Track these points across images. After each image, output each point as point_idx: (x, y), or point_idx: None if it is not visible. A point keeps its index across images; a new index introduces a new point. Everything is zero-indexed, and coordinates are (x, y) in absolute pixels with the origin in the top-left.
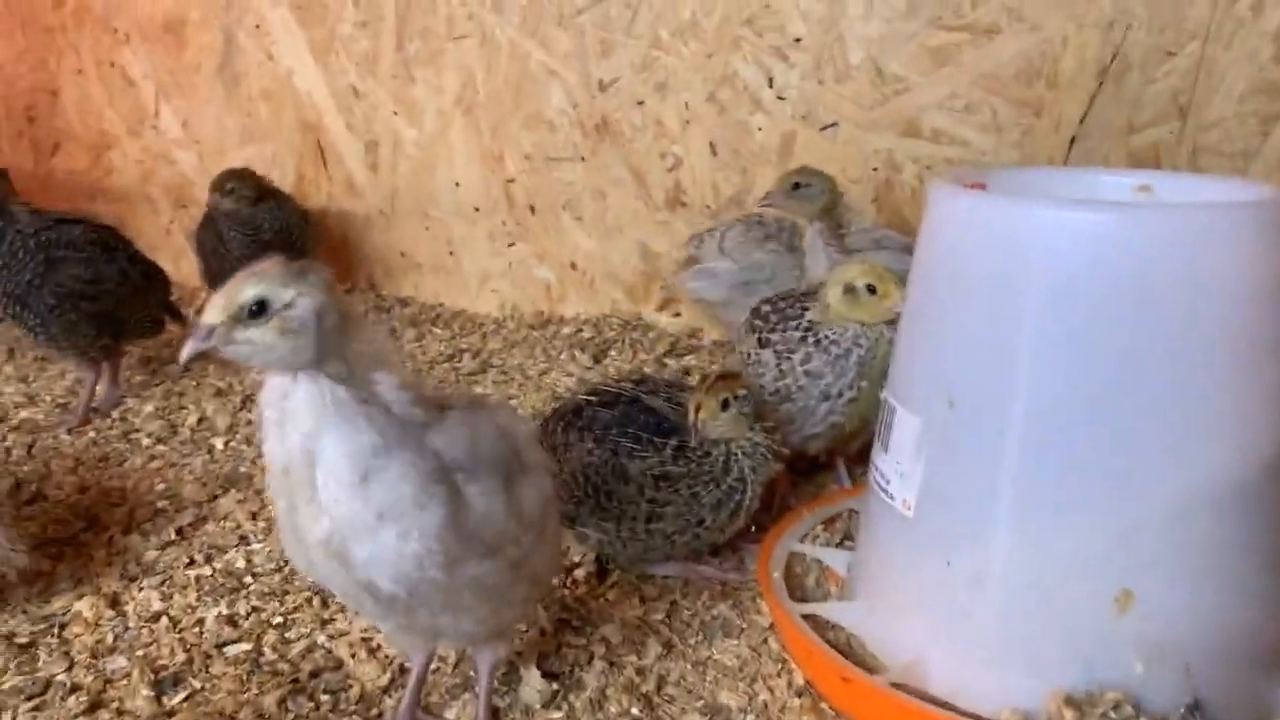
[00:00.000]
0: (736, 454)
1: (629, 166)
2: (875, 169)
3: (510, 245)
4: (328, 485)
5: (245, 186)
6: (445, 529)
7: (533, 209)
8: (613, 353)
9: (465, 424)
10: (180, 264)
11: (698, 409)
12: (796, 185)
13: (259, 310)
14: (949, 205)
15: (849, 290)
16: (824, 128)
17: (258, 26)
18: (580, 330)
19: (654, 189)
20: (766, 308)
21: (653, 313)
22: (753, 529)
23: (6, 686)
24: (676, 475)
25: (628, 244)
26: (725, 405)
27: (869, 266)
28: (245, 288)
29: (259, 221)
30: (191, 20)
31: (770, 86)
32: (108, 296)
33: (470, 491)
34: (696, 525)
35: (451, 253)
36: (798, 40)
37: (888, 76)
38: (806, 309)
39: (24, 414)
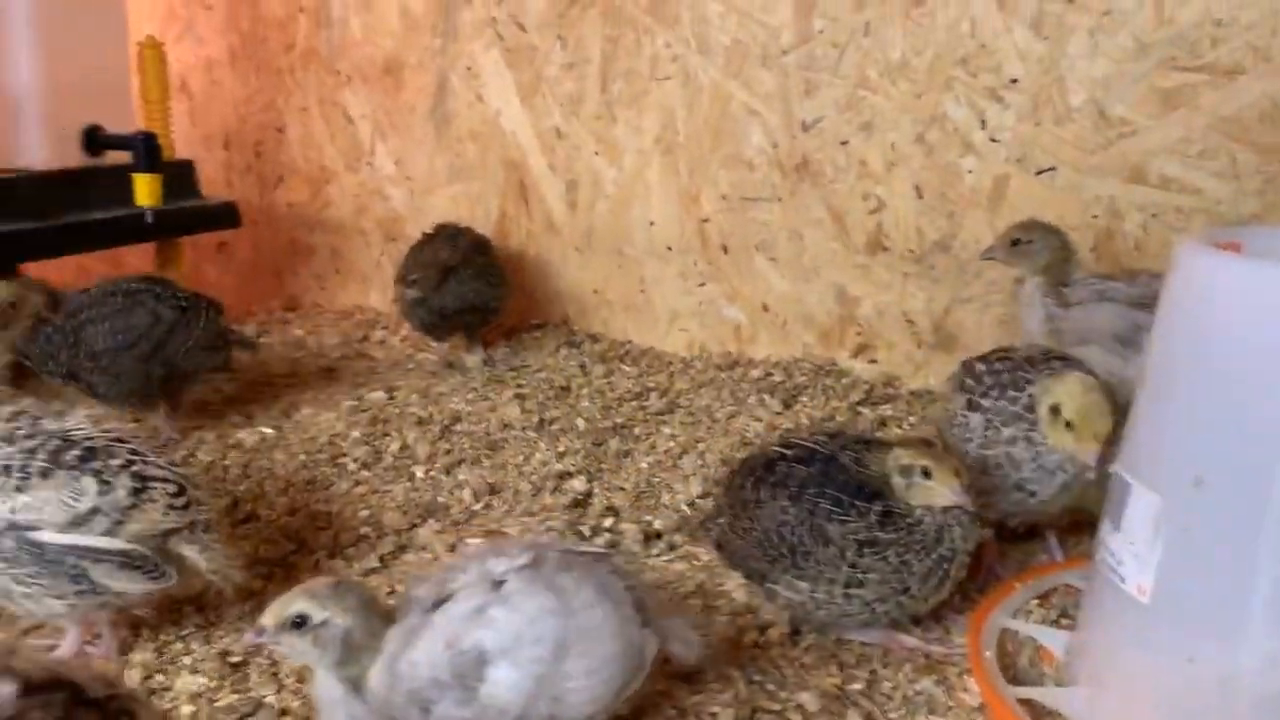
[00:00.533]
0: (951, 524)
1: (828, 208)
2: (1095, 216)
3: (701, 285)
4: None
5: (429, 276)
6: None
7: (726, 249)
8: (804, 398)
9: (418, 668)
10: (389, 293)
11: (957, 474)
12: (1016, 241)
13: (300, 623)
14: (1202, 267)
15: (1054, 412)
16: (1040, 172)
17: (469, 69)
18: (770, 374)
19: (854, 231)
20: (981, 367)
21: (847, 358)
22: (954, 597)
23: (221, 703)
24: (885, 542)
25: (823, 286)
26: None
27: (1079, 404)
28: (294, 603)
29: (439, 304)
30: (409, 63)
31: (983, 128)
32: (144, 341)
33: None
34: (901, 593)
35: (643, 291)
36: (1014, 81)
37: (1112, 119)
38: (1029, 381)
39: (241, 434)
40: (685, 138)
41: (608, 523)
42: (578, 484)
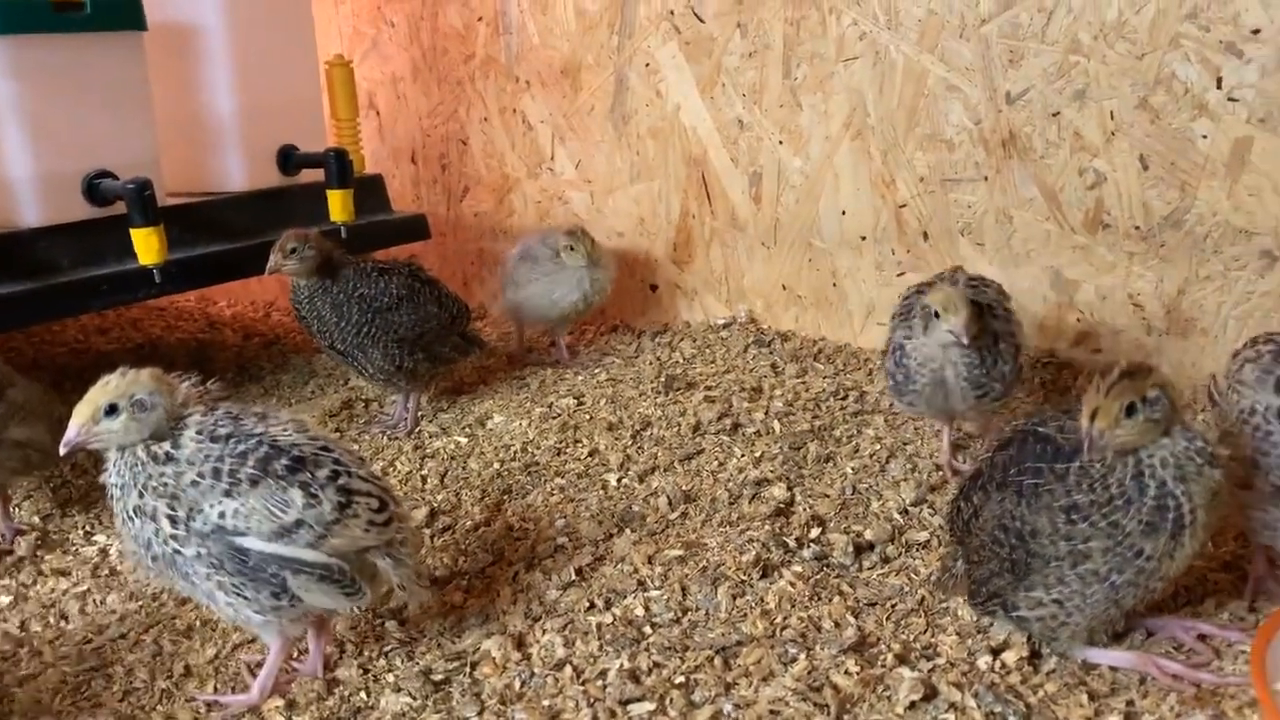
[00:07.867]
0: (1151, 465)
1: (1040, 185)
2: None
3: (900, 275)
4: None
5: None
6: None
7: (926, 235)
8: (1019, 394)
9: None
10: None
11: (1093, 417)
12: None
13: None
14: None
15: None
16: None
17: (647, 65)
18: None
19: (1070, 209)
20: None
21: (1067, 349)
22: (1227, 615)
23: None
24: (1084, 505)
25: (1037, 271)
26: (1131, 411)
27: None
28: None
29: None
30: (586, 64)
31: (1218, 87)
32: (433, 329)
33: None
34: (1135, 558)
35: (835, 284)
36: (1255, 32)
37: None
38: None
39: (438, 444)
40: (877, 120)
41: (814, 533)
42: (777, 491)
